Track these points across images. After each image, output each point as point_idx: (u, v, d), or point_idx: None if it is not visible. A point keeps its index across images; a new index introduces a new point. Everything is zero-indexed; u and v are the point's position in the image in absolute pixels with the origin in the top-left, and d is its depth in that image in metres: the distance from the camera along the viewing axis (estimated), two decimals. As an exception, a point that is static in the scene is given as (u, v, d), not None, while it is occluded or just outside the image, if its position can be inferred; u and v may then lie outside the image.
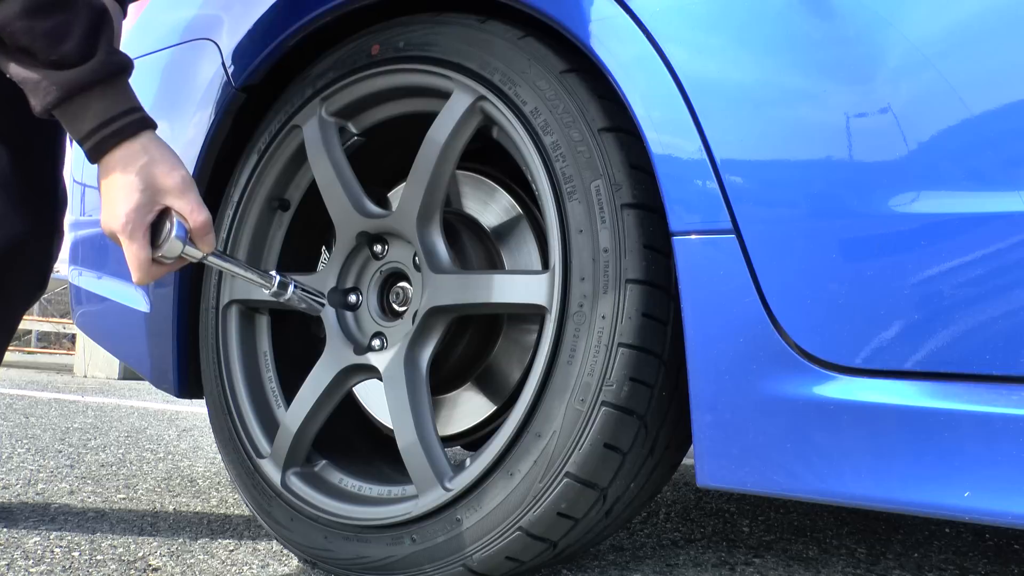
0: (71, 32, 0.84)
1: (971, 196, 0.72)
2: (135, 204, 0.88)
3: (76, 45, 0.84)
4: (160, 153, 0.90)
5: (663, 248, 0.91)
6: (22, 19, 0.82)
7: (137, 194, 0.88)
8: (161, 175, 0.89)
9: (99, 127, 0.87)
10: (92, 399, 4.01)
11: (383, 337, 1.14)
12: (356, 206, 1.14)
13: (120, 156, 0.88)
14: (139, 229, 0.89)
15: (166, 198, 0.90)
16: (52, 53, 0.84)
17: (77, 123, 0.87)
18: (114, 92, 0.88)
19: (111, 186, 0.88)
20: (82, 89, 0.85)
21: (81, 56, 0.85)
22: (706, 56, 0.84)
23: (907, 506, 0.74)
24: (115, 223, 0.89)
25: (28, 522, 1.31)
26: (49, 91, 0.85)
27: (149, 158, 0.89)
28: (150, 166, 0.89)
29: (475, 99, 1.03)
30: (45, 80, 0.84)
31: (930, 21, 0.75)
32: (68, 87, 0.85)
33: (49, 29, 0.83)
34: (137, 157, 0.88)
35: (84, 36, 0.85)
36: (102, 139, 0.87)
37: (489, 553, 0.95)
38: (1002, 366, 0.70)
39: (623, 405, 0.89)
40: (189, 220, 0.90)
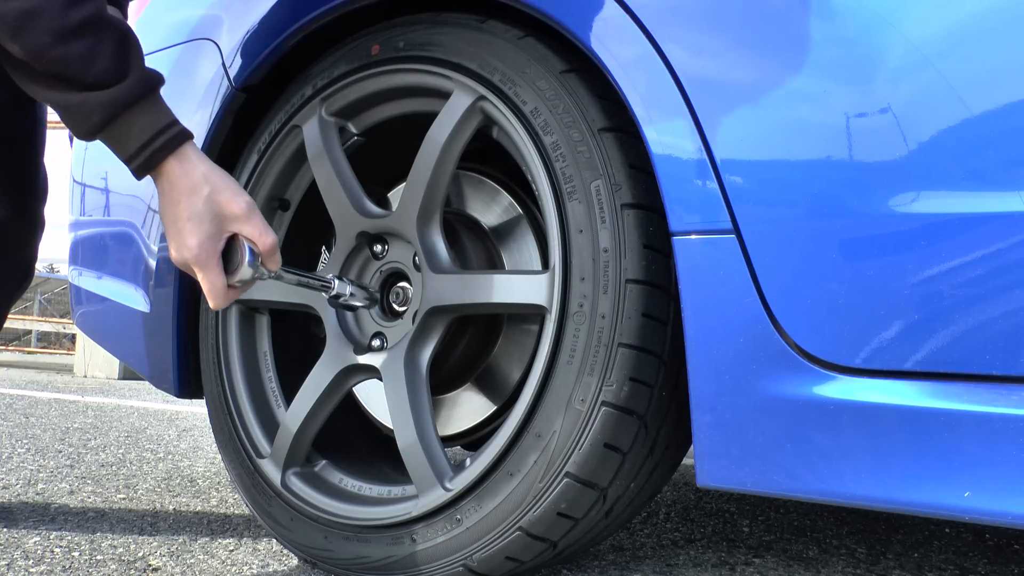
0: (101, 53, 0.85)
1: (971, 196, 0.72)
2: (206, 235, 0.90)
3: (109, 66, 0.86)
4: (220, 180, 0.92)
5: (663, 248, 0.91)
6: (54, 47, 0.83)
7: (206, 224, 0.90)
8: (226, 202, 0.91)
9: (147, 143, 0.88)
10: (92, 399, 4.01)
11: (383, 337, 1.14)
12: (356, 206, 1.14)
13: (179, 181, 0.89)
14: (212, 258, 0.91)
15: (233, 224, 0.92)
16: (87, 76, 0.85)
17: (123, 142, 0.89)
18: (154, 107, 0.89)
19: (178, 218, 0.90)
20: (125, 108, 0.87)
21: (115, 76, 0.86)
22: (706, 56, 0.84)
23: (907, 506, 0.74)
24: (188, 255, 0.90)
25: (28, 522, 1.31)
26: (93, 113, 0.86)
27: (211, 187, 0.90)
28: (214, 195, 0.90)
29: (475, 99, 1.03)
30: (86, 103, 0.86)
31: (930, 21, 0.75)
32: (111, 107, 0.86)
33: (81, 53, 0.84)
34: (199, 186, 0.90)
35: (115, 56, 0.86)
36: (151, 154, 0.89)
37: (489, 553, 0.95)
38: (1002, 366, 0.70)
39: (623, 405, 0.89)
40: (258, 243, 0.92)
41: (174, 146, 0.90)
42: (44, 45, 0.83)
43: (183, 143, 0.91)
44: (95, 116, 0.86)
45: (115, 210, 1.62)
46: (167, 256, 1.35)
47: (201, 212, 0.90)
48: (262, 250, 0.93)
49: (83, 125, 0.87)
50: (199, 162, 0.92)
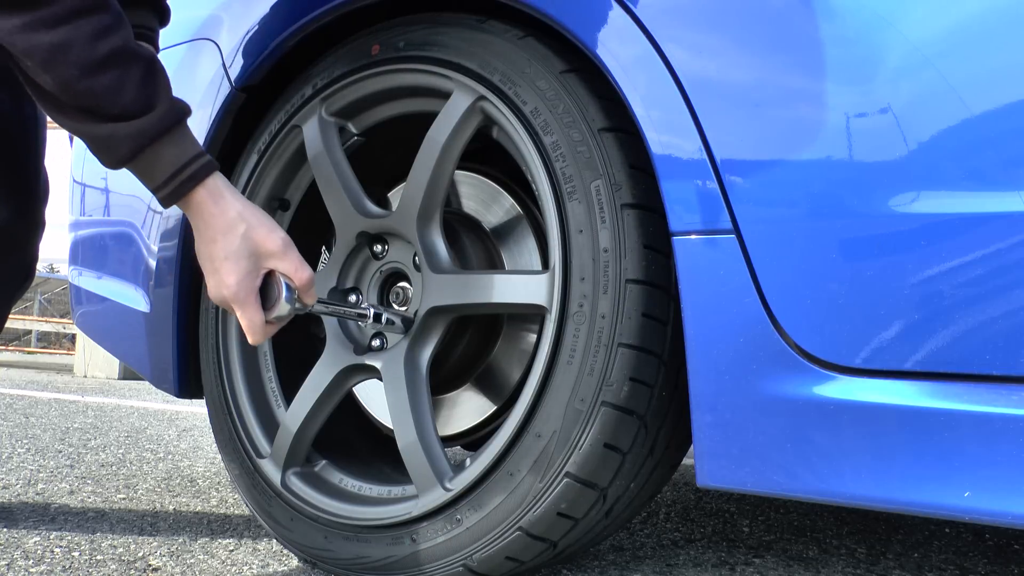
0: (128, 85, 0.86)
1: (971, 196, 0.72)
2: (243, 273, 0.91)
3: (136, 97, 0.86)
4: (254, 217, 0.92)
5: (663, 248, 0.91)
6: (81, 79, 0.83)
7: (243, 262, 0.91)
8: (262, 240, 0.92)
9: (175, 174, 0.89)
10: (92, 399, 4.01)
11: (383, 337, 1.14)
12: (356, 206, 1.14)
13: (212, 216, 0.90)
14: (251, 296, 0.92)
15: (270, 261, 0.93)
16: (114, 107, 0.85)
17: (151, 172, 0.89)
18: (181, 138, 0.90)
19: (215, 257, 0.91)
20: (152, 139, 0.87)
21: (143, 107, 0.87)
22: (706, 56, 0.84)
23: (907, 506, 0.74)
24: (227, 293, 0.91)
25: (28, 522, 1.31)
26: (122, 144, 0.86)
27: (247, 225, 0.91)
28: (250, 232, 0.91)
29: (475, 99, 1.03)
30: (114, 135, 0.86)
31: (930, 21, 0.75)
32: (138, 138, 0.87)
33: (108, 85, 0.84)
34: (234, 224, 0.91)
35: (141, 87, 0.87)
36: (179, 185, 0.89)
37: (489, 553, 0.95)
38: (1002, 366, 0.70)
39: (623, 405, 0.89)
40: (294, 279, 0.93)
41: (201, 177, 0.90)
42: (72, 78, 0.83)
43: (210, 174, 0.91)
44: (123, 148, 0.87)
45: (115, 210, 1.62)
46: (167, 256, 1.35)
47: (238, 250, 0.91)
48: (298, 285, 0.94)
49: (111, 156, 0.88)
50: (232, 199, 0.92)
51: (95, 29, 0.84)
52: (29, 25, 0.82)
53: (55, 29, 0.82)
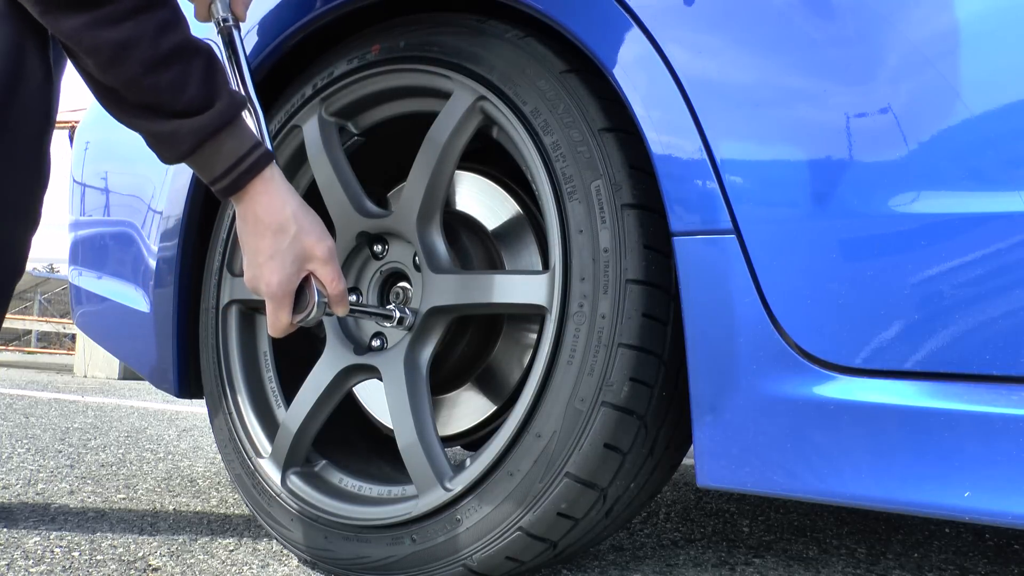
0: (191, 81, 0.86)
1: (971, 196, 0.72)
2: (286, 275, 0.92)
3: (197, 92, 0.86)
4: (307, 221, 0.93)
5: (663, 248, 0.91)
6: (146, 76, 0.83)
7: (288, 265, 0.92)
8: (311, 245, 0.93)
9: (233, 166, 0.89)
10: (92, 399, 4.01)
11: (383, 337, 1.14)
12: (356, 206, 1.14)
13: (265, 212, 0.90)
14: (288, 297, 0.93)
15: (312, 264, 0.93)
16: (176, 104, 0.85)
17: (210, 165, 0.90)
18: (240, 130, 0.90)
19: (260, 252, 0.91)
20: (215, 133, 0.87)
21: (205, 102, 0.87)
22: (706, 56, 0.84)
23: (907, 506, 0.74)
24: (267, 291, 0.92)
25: (28, 522, 1.31)
26: (183, 141, 0.87)
27: (298, 227, 0.92)
28: (300, 235, 0.92)
29: (475, 99, 1.03)
30: (178, 132, 0.86)
31: (930, 21, 0.75)
32: (200, 133, 0.87)
33: (171, 81, 0.84)
34: (287, 225, 0.91)
35: (203, 83, 0.87)
36: (237, 176, 0.90)
37: (489, 553, 0.95)
38: (1002, 366, 0.70)
39: (623, 405, 0.89)
40: (328, 288, 0.94)
41: (260, 167, 0.91)
42: (137, 75, 0.83)
43: (268, 164, 0.92)
44: (185, 144, 0.87)
45: (115, 210, 1.62)
46: (168, 256, 1.35)
47: (285, 251, 0.91)
48: (331, 294, 0.95)
49: (172, 152, 0.88)
50: (288, 196, 0.93)
51: (158, 25, 0.84)
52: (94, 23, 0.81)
53: (119, 25, 0.82)
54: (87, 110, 1.87)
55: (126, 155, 1.60)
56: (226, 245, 1.27)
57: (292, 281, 0.92)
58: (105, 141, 1.71)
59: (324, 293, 0.95)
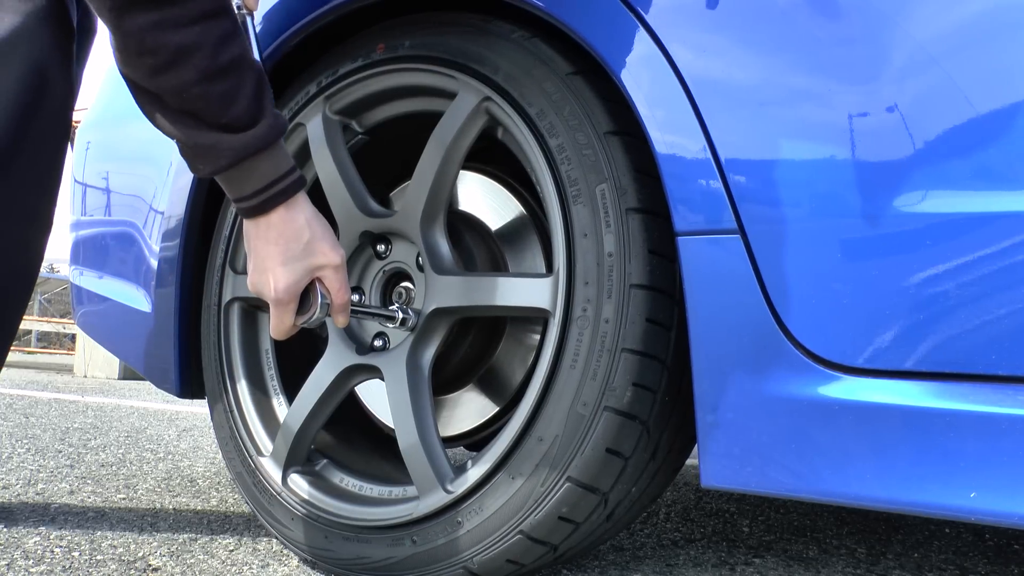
0: (241, 95, 0.85)
1: (977, 195, 0.72)
2: (294, 279, 0.91)
3: (245, 108, 0.85)
4: (321, 229, 0.93)
5: (667, 253, 0.91)
6: (198, 84, 0.82)
7: (298, 272, 0.91)
8: (322, 252, 0.92)
9: (265, 187, 0.88)
10: (92, 399, 4.01)
11: (385, 337, 1.14)
12: (359, 205, 1.14)
13: (282, 224, 0.89)
14: (292, 302, 0.92)
15: (321, 271, 0.93)
16: (223, 116, 0.84)
17: (242, 184, 0.88)
18: (278, 153, 0.89)
19: (270, 257, 0.90)
20: (255, 152, 0.86)
21: (250, 119, 0.85)
22: (711, 56, 0.84)
23: (909, 506, 0.74)
24: (273, 296, 0.91)
25: (28, 522, 1.31)
26: (223, 155, 0.85)
27: (312, 235, 0.91)
28: (313, 243, 0.91)
29: (480, 100, 1.02)
30: (219, 144, 0.85)
31: (936, 19, 0.75)
32: (244, 151, 0.85)
33: (222, 93, 0.83)
34: (301, 232, 0.90)
35: (252, 99, 0.86)
36: (267, 199, 0.89)
37: (490, 556, 0.95)
38: (1007, 366, 0.70)
39: (626, 410, 0.89)
40: (334, 296, 0.94)
41: (291, 193, 0.90)
42: (190, 81, 0.82)
43: (298, 191, 0.91)
44: (224, 159, 0.86)
45: (116, 210, 1.62)
46: (169, 256, 1.35)
47: (296, 258, 0.90)
48: (336, 303, 0.94)
49: (209, 165, 0.87)
50: (304, 204, 0.92)
51: (221, 34, 0.83)
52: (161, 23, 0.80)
53: (186, 29, 0.81)
54: (88, 110, 1.86)
55: (127, 155, 1.60)
56: (228, 242, 1.27)
57: (300, 285, 0.92)
58: (106, 141, 1.71)
59: (328, 299, 0.94)
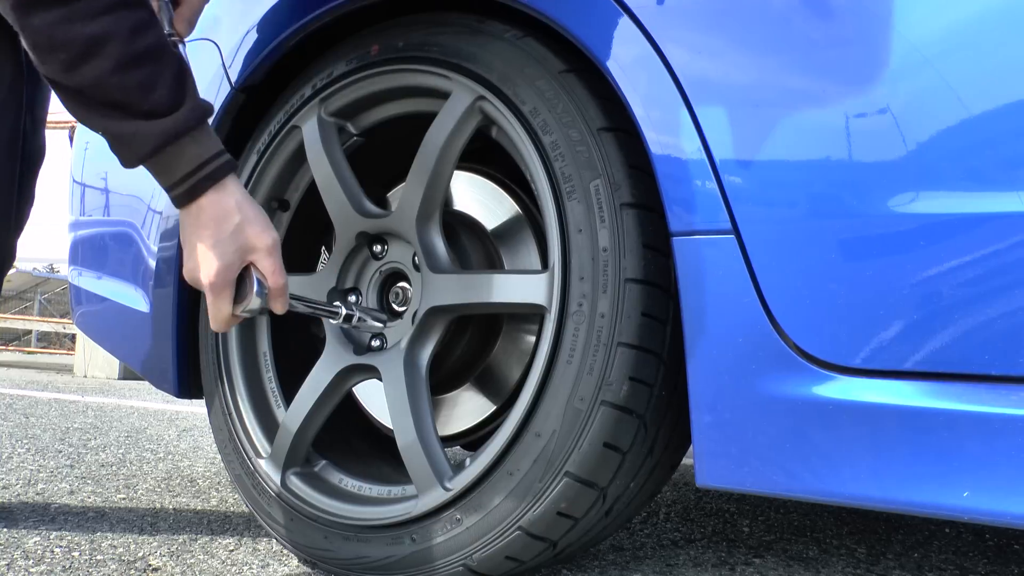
0: (161, 82, 0.85)
1: (970, 196, 0.72)
2: (226, 264, 0.90)
3: (166, 95, 0.85)
4: (252, 211, 0.92)
5: (662, 248, 0.91)
6: (115, 74, 0.82)
7: (230, 254, 0.90)
8: (254, 235, 0.91)
9: (193, 171, 0.88)
10: (92, 399, 4.01)
11: (383, 337, 1.14)
12: (355, 206, 1.14)
13: (212, 206, 0.89)
14: (227, 288, 0.91)
15: (254, 255, 0.92)
16: (144, 104, 0.84)
17: (170, 170, 0.88)
18: (204, 136, 0.89)
19: (202, 240, 0.89)
20: (177, 136, 0.86)
21: (171, 104, 0.86)
22: (706, 57, 0.84)
23: (907, 506, 0.74)
24: (205, 280, 0.90)
25: (28, 522, 1.31)
26: (146, 142, 0.85)
27: (243, 217, 0.90)
28: (244, 225, 0.90)
29: (474, 99, 1.03)
30: (140, 131, 0.85)
31: (929, 21, 0.75)
32: (165, 136, 0.85)
33: (140, 81, 0.83)
34: (230, 214, 0.90)
35: (172, 85, 0.86)
36: (196, 183, 0.88)
37: (489, 553, 0.95)
38: (1001, 366, 0.70)
39: (623, 404, 0.89)
40: (269, 280, 0.93)
41: (219, 176, 0.89)
42: (106, 71, 0.82)
43: (228, 174, 0.90)
44: (147, 145, 0.86)
45: (115, 210, 1.62)
46: (167, 256, 1.35)
47: (227, 241, 0.90)
48: (271, 287, 0.93)
49: (133, 154, 0.87)
50: (234, 188, 0.91)
51: (135, 24, 0.83)
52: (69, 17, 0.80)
53: (95, 20, 0.81)
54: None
55: (126, 155, 1.60)
56: (226, 245, 1.26)
57: (233, 270, 0.91)
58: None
59: (265, 284, 0.93)
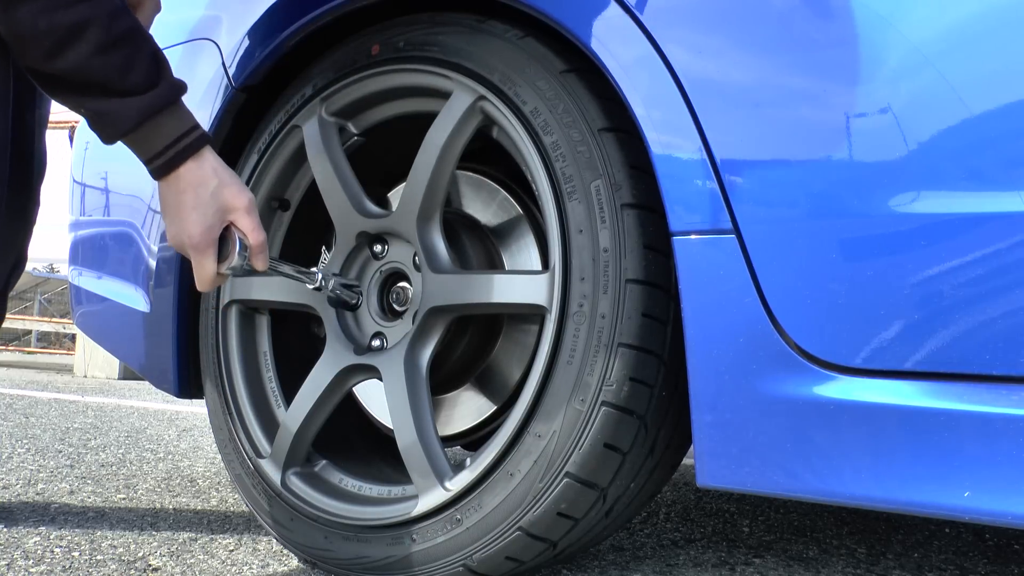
0: (137, 63, 0.90)
1: (971, 196, 0.72)
2: (208, 224, 0.95)
3: (144, 73, 0.91)
4: (227, 175, 0.97)
5: (663, 248, 0.91)
6: (96, 57, 0.87)
7: (210, 215, 0.95)
8: (232, 196, 0.96)
9: (171, 144, 0.93)
10: (92, 399, 4.01)
11: (383, 337, 1.14)
12: (356, 206, 1.14)
13: (189, 174, 0.95)
14: (210, 247, 0.96)
15: (232, 215, 0.97)
16: (124, 83, 0.89)
17: (148, 144, 0.93)
18: (180, 112, 0.94)
19: (183, 205, 0.95)
20: (155, 112, 0.91)
21: (148, 83, 0.91)
22: (706, 57, 0.84)
23: (907, 506, 0.74)
24: (189, 241, 0.95)
25: (28, 522, 1.31)
26: (127, 118, 0.91)
27: (219, 181, 0.96)
28: (221, 188, 0.96)
29: (475, 99, 1.03)
30: (120, 108, 0.90)
31: (930, 21, 0.75)
32: (144, 111, 0.91)
33: (120, 62, 0.89)
34: (208, 179, 0.95)
35: (149, 65, 0.91)
36: (174, 155, 0.94)
37: (489, 553, 0.95)
38: (1002, 366, 0.70)
39: (623, 405, 0.89)
40: (250, 237, 0.98)
41: (196, 147, 0.95)
42: (87, 54, 0.87)
43: (203, 146, 0.96)
44: (129, 120, 0.91)
45: (115, 210, 1.62)
46: (167, 256, 1.35)
47: (207, 203, 0.95)
48: (252, 244, 0.98)
49: (115, 128, 0.92)
50: (211, 157, 0.97)
51: (111, 9, 0.88)
52: (49, 7, 0.85)
53: (76, 7, 0.86)
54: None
55: (126, 155, 1.59)
56: (226, 245, 1.27)
57: (214, 230, 0.96)
58: (105, 141, 1.71)
59: (245, 242, 0.98)
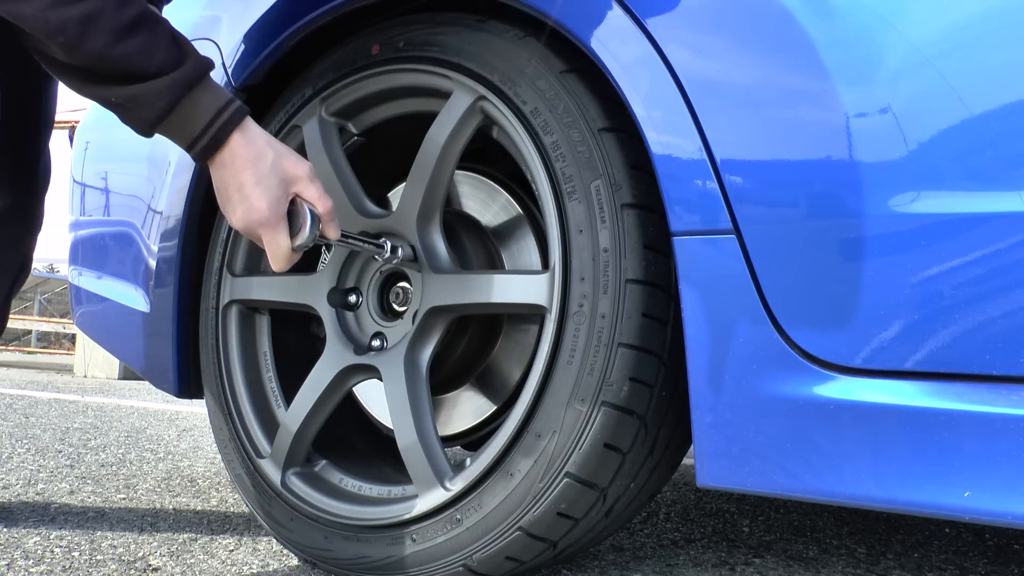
0: (159, 44, 0.88)
1: (971, 196, 0.72)
2: (274, 198, 0.92)
3: (167, 54, 0.88)
4: (281, 146, 0.95)
5: (663, 248, 0.91)
6: (115, 45, 0.85)
7: (275, 188, 0.92)
8: (291, 166, 0.94)
9: (213, 119, 0.90)
10: (92, 399, 4.01)
11: (383, 337, 1.14)
12: (356, 206, 1.14)
13: (242, 150, 0.91)
14: (281, 221, 0.93)
15: (297, 186, 0.94)
16: (150, 66, 0.87)
17: (188, 125, 0.90)
18: (212, 87, 0.91)
19: (244, 184, 0.92)
20: (189, 88, 0.89)
21: (175, 62, 0.89)
22: (707, 57, 0.84)
23: (907, 506, 0.74)
24: (258, 217, 0.92)
25: (28, 522, 1.31)
26: (160, 97, 0.88)
27: (275, 152, 0.93)
28: (279, 159, 0.93)
29: (475, 99, 1.03)
30: (150, 92, 0.88)
31: (930, 21, 0.75)
32: (176, 89, 0.88)
33: (141, 47, 0.87)
34: (264, 152, 0.92)
35: (170, 45, 0.89)
36: (217, 131, 0.90)
37: (489, 553, 0.95)
38: (1002, 366, 0.70)
39: (623, 405, 0.89)
40: (318, 206, 0.95)
41: (238, 120, 0.92)
42: (106, 44, 0.85)
43: (245, 117, 0.93)
44: (162, 101, 0.88)
45: (115, 210, 1.62)
46: (167, 256, 1.35)
47: (268, 176, 0.92)
48: (322, 212, 0.95)
49: (149, 113, 0.89)
50: (258, 129, 0.94)
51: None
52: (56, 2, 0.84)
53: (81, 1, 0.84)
54: (87, 111, 1.87)
55: (126, 155, 1.60)
56: (226, 245, 1.27)
57: (282, 203, 0.93)
58: (105, 141, 1.71)
59: (315, 212, 0.95)
